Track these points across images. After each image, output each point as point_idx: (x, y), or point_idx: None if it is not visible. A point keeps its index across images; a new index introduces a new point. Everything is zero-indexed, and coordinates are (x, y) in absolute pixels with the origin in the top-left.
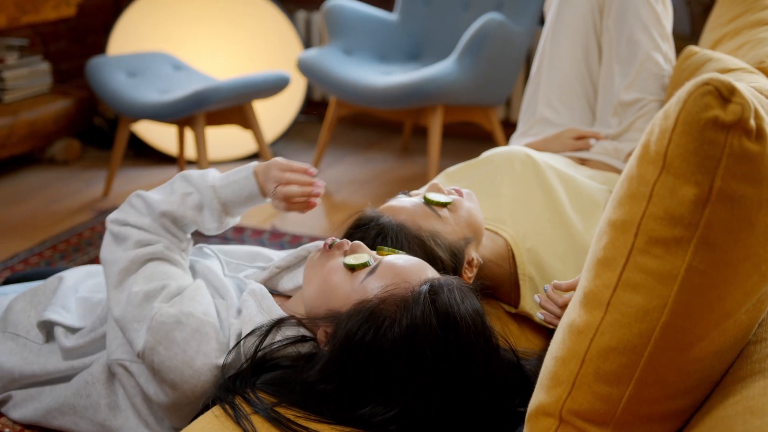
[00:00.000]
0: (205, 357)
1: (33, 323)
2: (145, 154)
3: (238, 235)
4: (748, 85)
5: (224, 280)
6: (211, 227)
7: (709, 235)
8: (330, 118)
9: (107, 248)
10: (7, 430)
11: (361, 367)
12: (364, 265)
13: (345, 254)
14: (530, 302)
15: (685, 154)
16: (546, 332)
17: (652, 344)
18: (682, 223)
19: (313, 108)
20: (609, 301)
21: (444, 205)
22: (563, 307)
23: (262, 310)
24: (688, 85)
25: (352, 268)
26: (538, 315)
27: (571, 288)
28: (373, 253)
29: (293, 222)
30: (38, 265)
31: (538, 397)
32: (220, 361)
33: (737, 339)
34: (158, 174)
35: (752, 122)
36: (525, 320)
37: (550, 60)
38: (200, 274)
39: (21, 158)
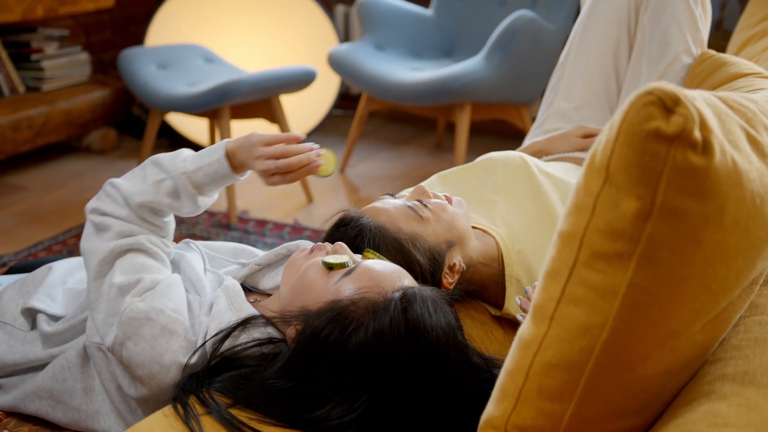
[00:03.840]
0: (173, 354)
1: (19, 311)
2: (178, 145)
3: (260, 228)
4: (713, 94)
5: (202, 275)
6: (189, 210)
7: (651, 251)
8: (360, 113)
9: (87, 239)
10: None
11: (322, 367)
12: (342, 265)
13: (327, 254)
14: (515, 305)
15: (626, 166)
16: None
17: (593, 362)
18: (623, 237)
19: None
20: (552, 315)
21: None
22: None
23: (233, 307)
24: (632, 95)
25: (330, 267)
26: (518, 317)
27: None
28: (357, 256)
29: (316, 217)
30: (60, 253)
31: (488, 410)
32: (187, 359)
33: (691, 358)
34: None
35: (697, 134)
36: (512, 326)
37: (577, 53)
38: (180, 268)
39: (59, 146)
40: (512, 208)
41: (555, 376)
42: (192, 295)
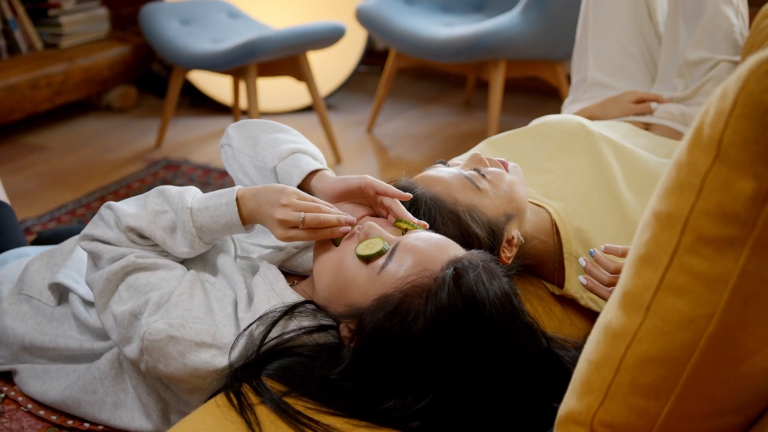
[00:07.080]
0: (206, 364)
1: (46, 285)
2: (201, 104)
3: None
4: None
5: (231, 268)
6: (180, 251)
7: None
8: (389, 70)
9: (87, 271)
10: (21, 398)
11: (388, 364)
12: (379, 253)
13: (359, 241)
14: (576, 285)
15: (743, 141)
16: (593, 316)
17: (697, 356)
18: (736, 221)
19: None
20: (649, 304)
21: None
22: (616, 272)
23: (274, 293)
24: (751, 61)
25: (367, 259)
26: (581, 279)
27: (627, 254)
28: (388, 233)
29: None
30: (84, 216)
31: (568, 403)
32: (222, 362)
33: None
34: (213, 124)
35: None
36: (570, 302)
37: (595, 19)
38: (205, 258)
39: (78, 105)
40: (569, 180)
41: (651, 371)
42: (218, 289)
